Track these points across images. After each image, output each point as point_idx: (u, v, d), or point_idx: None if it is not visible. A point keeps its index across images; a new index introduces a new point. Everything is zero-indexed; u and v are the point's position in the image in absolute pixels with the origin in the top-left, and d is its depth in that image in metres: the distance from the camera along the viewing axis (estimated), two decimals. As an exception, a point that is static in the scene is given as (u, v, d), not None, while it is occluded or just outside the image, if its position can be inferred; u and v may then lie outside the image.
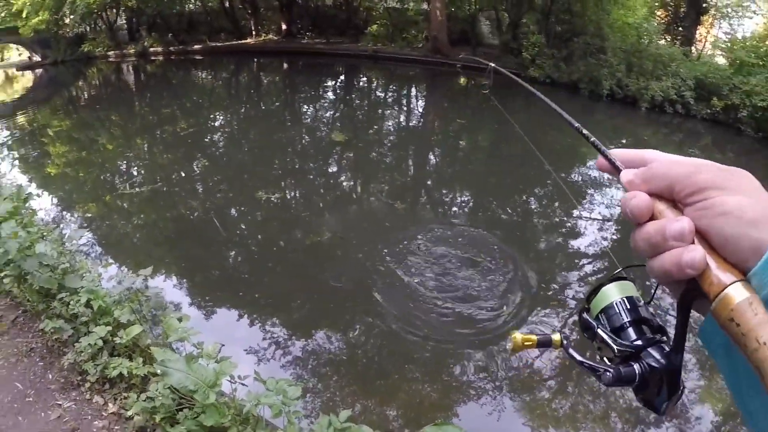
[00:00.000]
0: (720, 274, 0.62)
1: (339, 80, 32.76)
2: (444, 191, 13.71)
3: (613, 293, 0.86)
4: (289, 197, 12.57)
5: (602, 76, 22.83)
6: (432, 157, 17.20)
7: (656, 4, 28.67)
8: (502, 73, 1.73)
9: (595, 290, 0.89)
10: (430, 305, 7.66)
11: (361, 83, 31.81)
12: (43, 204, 12.70)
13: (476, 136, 19.00)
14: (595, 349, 0.86)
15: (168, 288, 8.45)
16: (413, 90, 29.22)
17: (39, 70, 50.52)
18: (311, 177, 14.69)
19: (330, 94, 28.66)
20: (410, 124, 22.37)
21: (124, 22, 53.68)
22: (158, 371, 4.11)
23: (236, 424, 4.05)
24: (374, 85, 31.05)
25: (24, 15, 46.06)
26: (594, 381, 3.40)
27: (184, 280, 9.08)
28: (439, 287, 8.05)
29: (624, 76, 22.77)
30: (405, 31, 33.82)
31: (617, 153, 0.79)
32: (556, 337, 0.96)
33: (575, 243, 10.90)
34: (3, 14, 51.40)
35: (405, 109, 25.29)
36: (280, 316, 7.77)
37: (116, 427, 4.43)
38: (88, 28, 52.65)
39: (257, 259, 10.08)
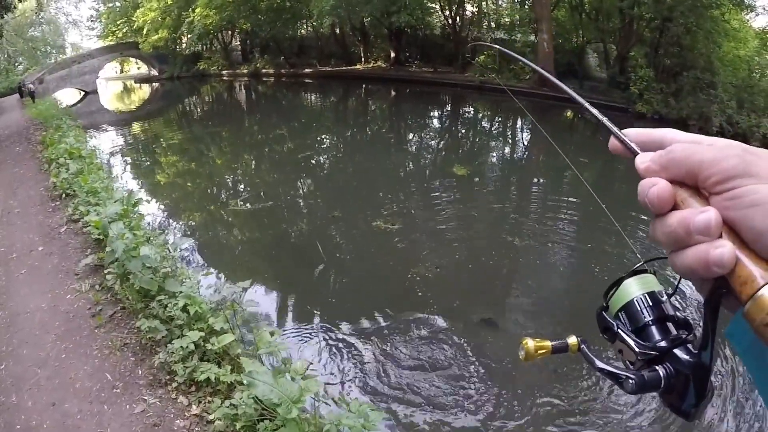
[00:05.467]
0: (753, 272, 0.53)
1: (445, 109, 32.56)
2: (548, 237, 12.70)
3: (634, 289, 0.79)
4: (392, 226, 12.15)
5: (712, 112, 21.45)
6: (536, 191, 16.52)
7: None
8: (508, 54, 1.94)
9: (614, 285, 0.81)
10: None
11: (467, 113, 31.38)
12: (151, 209, 12.93)
13: (584, 171, 18.18)
14: (615, 351, 0.78)
15: (262, 301, 8.34)
16: (519, 122, 28.73)
17: (155, 84, 53.52)
18: (415, 205, 13.99)
19: (436, 123, 28.38)
20: (515, 156, 21.83)
21: (239, 43, 56.50)
22: (245, 381, 4.19)
23: (314, 441, 4.12)
24: (480, 115, 30.48)
25: (144, 32, 49.14)
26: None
27: (279, 296, 8.87)
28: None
29: (735, 112, 21.44)
30: (512, 62, 33.50)
31: (632, 133, 0.70)
32: (573, 340, 0.87)
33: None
34: (125, 30, 55.09)
35: (510, 141, 24.51)
36: (368, 343, 7.50)
37: (196, 429, 4.52)
38: (204, 48, 55.63)
39: (346, 283, 9.78)
